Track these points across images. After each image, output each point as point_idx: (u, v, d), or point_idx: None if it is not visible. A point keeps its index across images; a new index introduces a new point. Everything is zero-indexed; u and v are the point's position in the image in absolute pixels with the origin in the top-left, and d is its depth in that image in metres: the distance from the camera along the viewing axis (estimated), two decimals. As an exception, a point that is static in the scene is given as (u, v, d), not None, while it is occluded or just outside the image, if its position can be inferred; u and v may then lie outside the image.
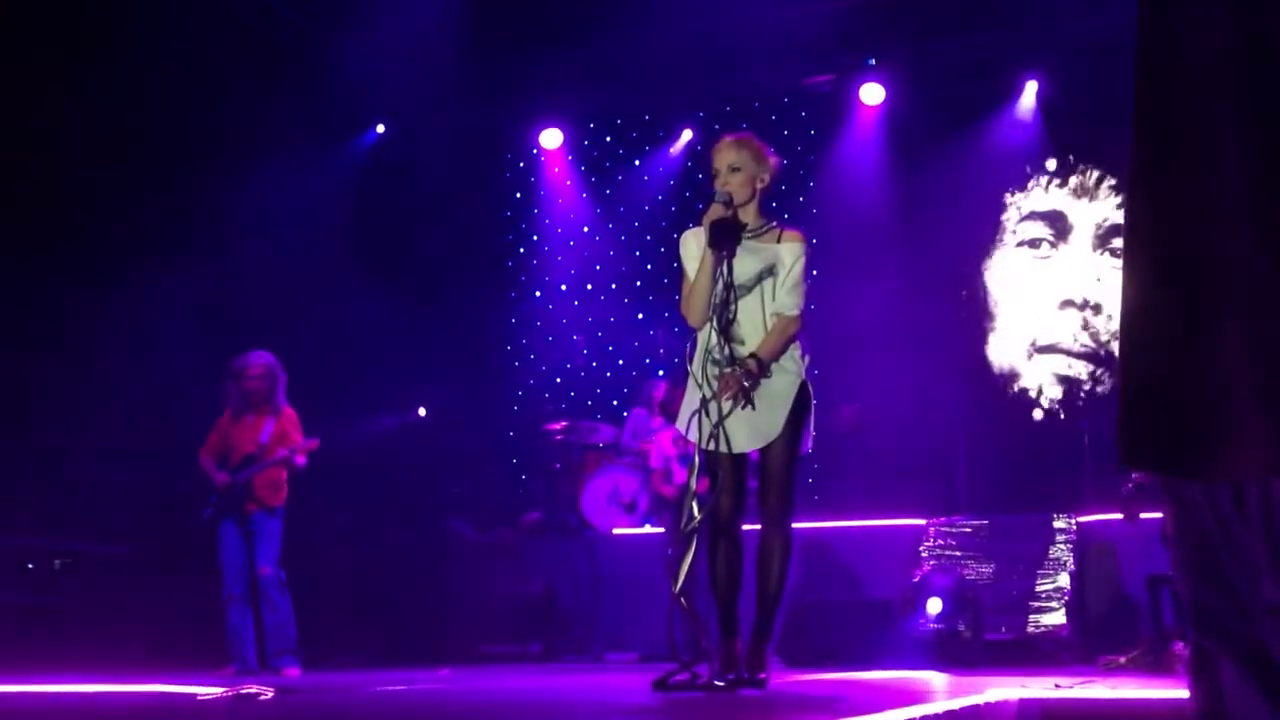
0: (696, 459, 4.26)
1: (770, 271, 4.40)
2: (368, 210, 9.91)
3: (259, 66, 8.85)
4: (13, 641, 7.16)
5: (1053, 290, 9.70)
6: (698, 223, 4.43)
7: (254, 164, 8.63)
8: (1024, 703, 3.53)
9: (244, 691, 4.42)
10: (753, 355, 4.31)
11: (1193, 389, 1.46)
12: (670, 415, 6.75)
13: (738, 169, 4.41)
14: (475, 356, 10.62)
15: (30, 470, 7.37)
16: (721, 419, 4.21)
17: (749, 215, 4.45)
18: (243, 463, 6.71)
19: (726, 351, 4.30)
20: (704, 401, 4.28)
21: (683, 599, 4.09)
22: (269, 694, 4.35)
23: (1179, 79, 1.51)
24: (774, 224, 4.54)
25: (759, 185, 4.45)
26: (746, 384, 4.27)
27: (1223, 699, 1.49)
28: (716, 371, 4.33)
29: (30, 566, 8.30)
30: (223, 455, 6.80)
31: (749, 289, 4.39)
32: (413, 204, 10.39)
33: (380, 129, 10.54)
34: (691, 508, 4.14)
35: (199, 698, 4.28)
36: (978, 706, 3.30)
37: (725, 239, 4.32)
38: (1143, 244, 1.53)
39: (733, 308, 4.33)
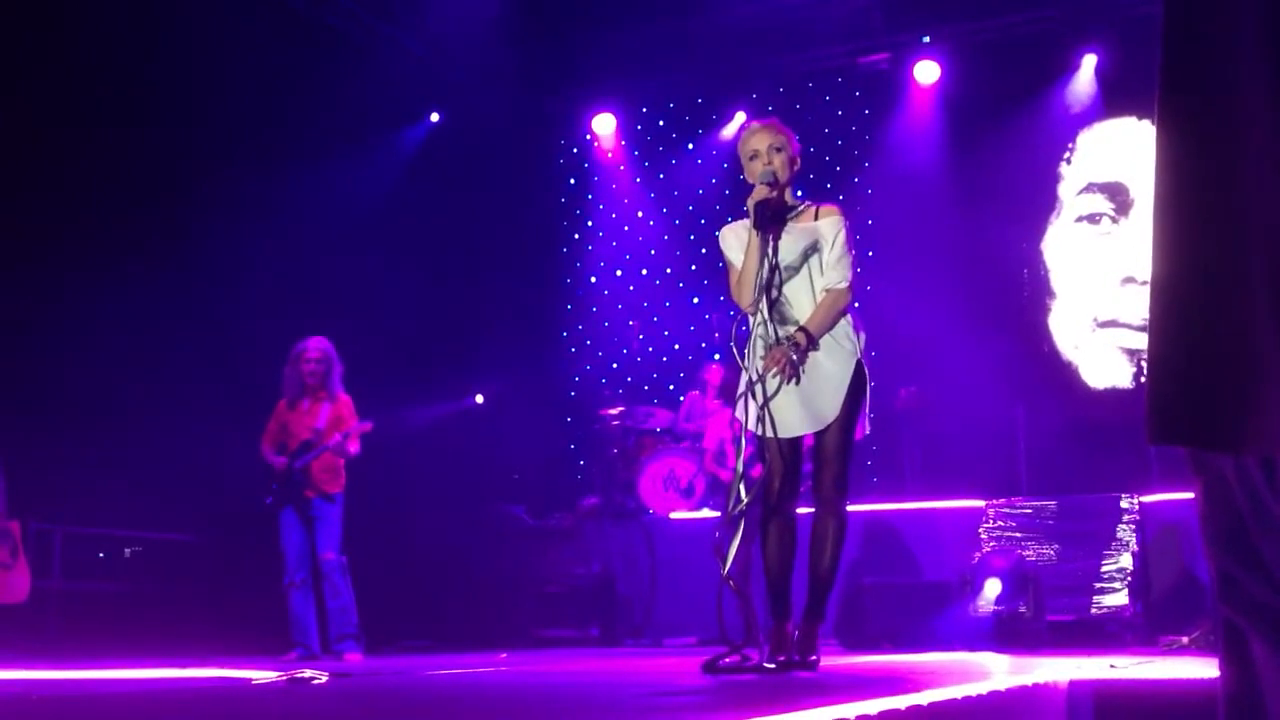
0: (742, 442, 4.22)
1: (814, 248, 4.35)
2: (423, 199, 9.98)
3: (312, 55, 8.94)
4: (88, 627, 7.36)
5: (1114, 265, 9.54)
6: (746, 212, 4.39)
7: (309, 153, 8.72)
8: (1075, 683, 3.47)
9: (298, 676, 4.47)
10: (801, 329, 4.27)
11: (1221, 359, 1.41)
12: (729, 398, 6.71)
13: (780, 149, 4.38)
14: (531, 343, 10.68)
15: (102, 462, 7.52)
16: (767, 400, 4.17)
17: (785, 196, 4.42)
18: (300, 449, 6.79)
19: (774, 334, 4.26)
20: (750, 384, 4.24)
21: (732, 582, 4.06)
22: (323, 678, 4.40)
23: (1205, 22, 1.45)
24: (807, 202, 4.51)
25: (795, 167, 4.43)
26: (795, 357, 4.22)
27: (1254, 676, 1.45)
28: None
29: (102, 555, 8.52)
30: (281, 442, 6.89)
31: (795, 269, 4.35)
32: (467, 192, 10.45)
33: (435, 118, 10.60)
34: (738, 491, 4.10)
35: (254, 682, 4.34)
36: (1026, 687, 3.25)
37: (772, 220, 4.29)
38: (1169, 209, 1.48)
39: (779, 289, 4.29)
